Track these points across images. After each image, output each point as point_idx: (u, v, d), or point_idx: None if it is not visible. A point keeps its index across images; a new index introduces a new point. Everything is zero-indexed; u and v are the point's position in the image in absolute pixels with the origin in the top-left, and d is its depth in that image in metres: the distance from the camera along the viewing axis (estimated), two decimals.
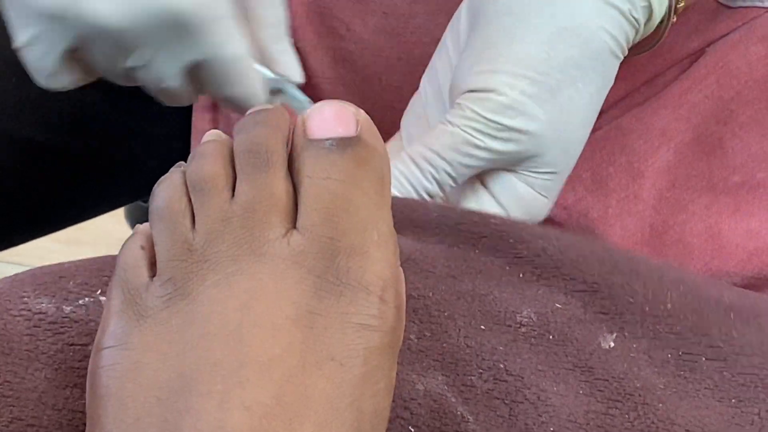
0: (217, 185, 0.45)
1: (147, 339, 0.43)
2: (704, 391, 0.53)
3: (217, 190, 0.45)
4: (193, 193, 0.46)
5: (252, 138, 0.46)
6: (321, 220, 0.44)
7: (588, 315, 0.55)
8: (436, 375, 0.52)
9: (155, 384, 0.42)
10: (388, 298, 0.45)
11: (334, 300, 0.44)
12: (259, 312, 0.43)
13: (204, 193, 0.45)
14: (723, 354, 0.54)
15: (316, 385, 0.42)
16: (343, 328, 0.44)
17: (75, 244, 1.43)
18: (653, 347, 0.54)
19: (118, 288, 0.45)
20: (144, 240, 0.46)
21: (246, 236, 0.44)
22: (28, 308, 0.50)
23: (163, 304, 0.44)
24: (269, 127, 0.47)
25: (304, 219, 0.45)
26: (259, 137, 0.46)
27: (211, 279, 0.44)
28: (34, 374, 0.49)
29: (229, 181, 0.46)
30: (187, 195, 0.46)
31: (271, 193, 0.45)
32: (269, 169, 0.45)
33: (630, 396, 0.52)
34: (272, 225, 0.45)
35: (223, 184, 0.46)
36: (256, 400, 0.41)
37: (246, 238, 0.44)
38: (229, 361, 0.42)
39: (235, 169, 0.46)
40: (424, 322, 0.53)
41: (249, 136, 0.47)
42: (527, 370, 0.52)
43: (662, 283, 0.56)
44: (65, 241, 1.44)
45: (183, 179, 0.47)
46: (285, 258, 0.44)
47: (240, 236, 0.44)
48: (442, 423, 0.50)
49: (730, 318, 0.55)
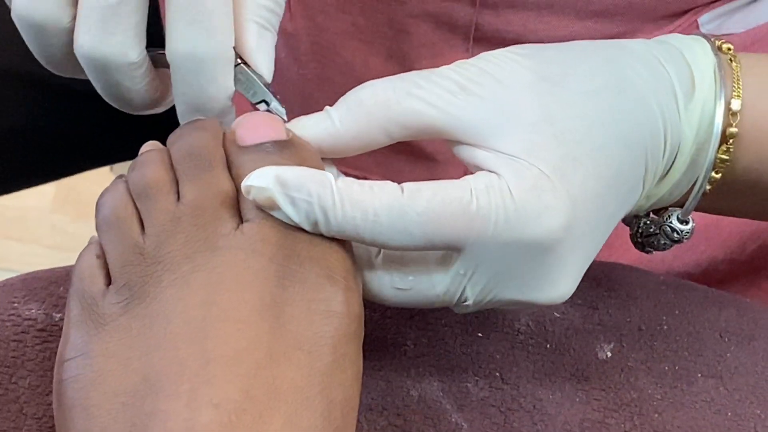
0: (161, 189, 0.45)
1: (108, 346, 0.43)
2: (701, 403, 0.53)
3: (162, 193, 0.45)
4: (138, 201, 0.46)
5: (192, 142, 0.46)
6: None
7: (586, 325, 0.55)
8: (432, 381, 0.51)
9: (120, 390, 0.42)
10: (352, 284, 0.45)
11: (298, 288, 0.44)
12: (222, 306, 0.43)
13: (149, 198, 0.45)
14: (718, 373, 0.54)
15: (284, 376, 0.42)
16: (309, 316, 0.43)
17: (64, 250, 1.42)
18: (651, 359, 0.54)
19: (76, 298, 0.45)
20: (99, 249, 0.46)
21: (198, 233, 0.44)
22: (18, 314, 0.50)
23: (121, 309, 0.44)
24: (207, 131, 0.47)
25: (253, 211, 0.45)
26: (198, 140, 0.46)
27: (167, 279, 0.44)
28: (18, 382, 0.48)
29: (173, 185, 0.46)
30: (133, 202, 0.46)
31: (218, 189, 0.45)
32: (212, 168, 0.46)
33: (626, 406, 0.52)
34: (223, 219, 0.45)
35: (168, 188, 0.46)
36: (225, 396, 0.41)
37: (198, 235, 0.44)
38: (195, 359, 0.42)
39: (176, 175, 0.46)
40: (420, 329, 0.53)
41: (188, 140, 0.47)
42: (524, 378, 0.52)
43: (658, 307, 0.56)
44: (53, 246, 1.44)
45: (126, 188, 0.46)
46: (243, 248, 0.44)
47: (192, 234, 0.44)
48: (437, 430, 0.50)
49: (725, 341, 0.56)
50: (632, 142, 0.47)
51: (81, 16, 0.47)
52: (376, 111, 0.46)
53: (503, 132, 0.46)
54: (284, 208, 0.44)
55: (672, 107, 0.48)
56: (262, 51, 0.49)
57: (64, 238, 1.46)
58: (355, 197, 0.44)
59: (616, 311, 0.56)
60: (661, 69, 0.48)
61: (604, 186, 0.46)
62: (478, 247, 0.44)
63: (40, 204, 1.47)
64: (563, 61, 0.48)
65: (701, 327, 0.56)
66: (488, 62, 0.47)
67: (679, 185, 0.50)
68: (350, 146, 0.47)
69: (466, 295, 0.46)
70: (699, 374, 0.54)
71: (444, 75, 0.47)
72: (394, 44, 0.69)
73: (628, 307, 0.56)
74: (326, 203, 0.44)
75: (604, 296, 0.56)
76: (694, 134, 0.49)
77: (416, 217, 0.44)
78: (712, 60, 0.49)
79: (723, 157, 0.49)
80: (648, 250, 0.53)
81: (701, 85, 0.49)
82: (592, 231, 0.46)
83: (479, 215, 0.44)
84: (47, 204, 1.49)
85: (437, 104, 0.46)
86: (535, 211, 0.44)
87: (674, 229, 0.51)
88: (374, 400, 0.50)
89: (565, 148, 0.45)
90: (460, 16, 0.66)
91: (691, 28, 0.68)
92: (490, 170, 0.45)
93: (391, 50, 0.69)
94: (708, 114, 0.49)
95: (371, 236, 0.44)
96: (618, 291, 0.56)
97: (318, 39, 0.70)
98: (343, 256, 0.45)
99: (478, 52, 0.69)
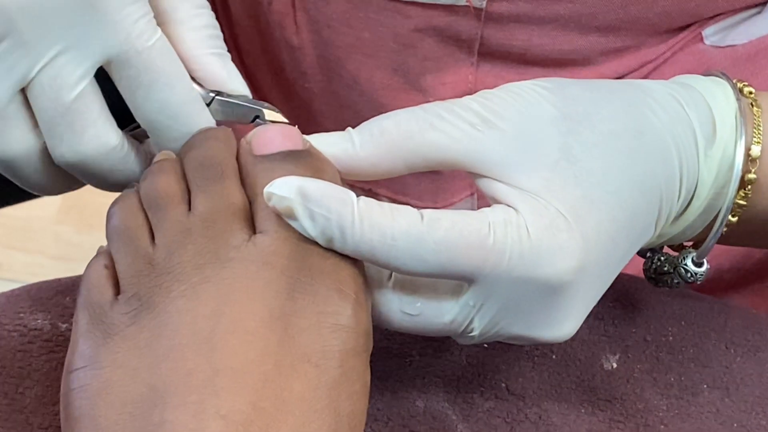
0: (173, 200, 0.45)
1: (116, 356, 0.43)
2: (706, 414, 0.53)
3: (173, 204, 0.45)
4: (149, 211, 0.46)
5: (203, 152, 0.47)
6: (286, 222, 0.44)
7: (592, 336, 0.55)
8: (437, 392, 0.52)
9: (127, 400, 0.42)
10: (362, 299, 0.45)
11: (308, 300, 0.44)
12: (230, 317, 0.43)
13: (160, 208, 0.45)
14: (724, 384, 0.54)
15: (292, 388, 0.42)
16: (318, 330, 0.43)
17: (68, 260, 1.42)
18: (656, 370, 0.54)
19: (84, 308, 0.45)
20: (107, 259, 0.46)
21: (209, 245, 0.44)
22: (24, 324, 0.50)
23: (130, 320, 0.44)
24: (219, 141, 0.47)
25: (267, 223, 0.45)
26: (210, 151, 0.47)
27: (176, 290, 0.43)
28: (25, 392, 0.48)
29: (184, 195, 0.46)
30: (144, 212, 0.46)
31: (229, 201, 0.45)
32: (224, 180, 0.46)
33: (632, 416, 0.52)
34: (234, 231, 0.44)
35: (179, 198, 0.46)
36: (232, 407, 0.41)
37: (209, 247, 0.44)
38: (202, 370, 0.42)
39: (188, 185, 0.46)
40: (426, 340, 0.53)
41: (200, 151, 0.47)
42: (529, 389, 0.52)
43: (663, 318, 0.56)
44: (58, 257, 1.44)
45: (137, 198, 0.46)
46: (254, 260, 0.44)
47: (202, 245, 0.44)
48: None
49: (731, 352, 0.56)
50: (648, 187, 0.47)
51: (46, 131, 0.47)
52: (399, 142, 0.47)
53: (523, 168, 0.46)
54: (302, 220, 0.44)
55: (692, 152, 0.48)
56: (233, 76, 0.50)
57: (68, 249, 1.46)
58: (375, 219, 0.44)
59: (621, 322, 0.56)
60: (683, 113, 0.49)
61: (618, 229, 0.46)
62: (490, 280, 0.45)
63: (44, 214, 1.47)
64: (587, 100, 0.48)
65: (707, 338, 0.56)
66: (512, 93, 0.48)
67: (693, 225, 0.50)
68: (367, 171, 0.48)
69: (473, 326, 0.46)
70: (705, 385, 0.54)
71: (466, 107, 0.47)
72: (400, 58, 0.69)
73: (633, 318, 0.56)
74: (345, 222, 0.44)
75: (610, 307, 0.56)
76: (713, 178, 0.49)
77: (433, 246, 0.44)
78: (734, 105, 0.50)
79: (741, 202, 0.49)
80: (660, 285, 0.53)
81: (722, 130, 0.49)
82: (602, 272, 0.47)
83: (495, 249, 0.44)
84: (52, 214, 1.48)
85: (459, 138, 0.46)
86: (549, 249, 0.44)
87: (688, 271, 0.52)
88: (380, 410, 0.50)
89: (582, 190, 0.45)
90: (465, 31, 0.66)
91: (696, 41, 0.68)
92: (509, 205, 0.45)
93: (396, 64, 0.69)
94: (728, 159, 0.49)
95: (386, 259, 0.44)
96: (624, 302, 0.56)
97: (323, 53, 0.70)
98: (354, 272, 0.45)
99: (483, 66, 0.68)
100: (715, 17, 0.68)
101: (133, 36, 0.47)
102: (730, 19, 0.68)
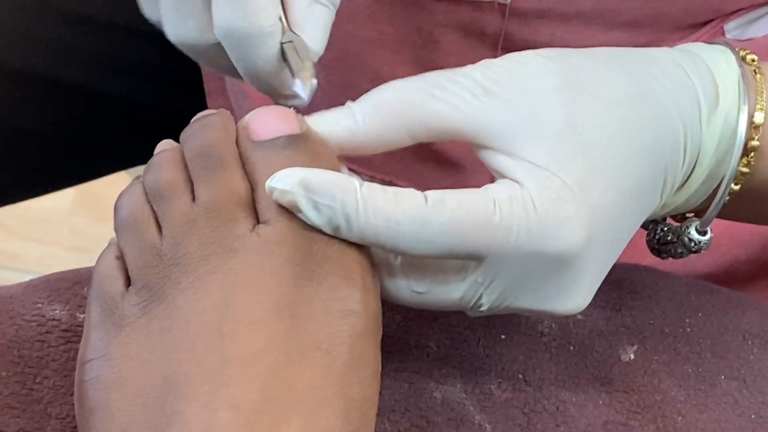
0: (176, 190, 0.45)
1: (128, 347, 0.43)
2: (724, 405, 0.53)
3: (177, 194, 0.45)
4: (154, 202, 0.46)
5: (202, 142, 0.46)
6: (288, 210, 0.44)
7: (609, 327, 0.55)
8: (455, 383, 0.51)
9: (140, 391, 0.42)
10: (369, 283, 0.45)
11: (315, 287, 0.44)
12: (238, 308, 0.43)
13: (165, 199, 0.45)
14: (742, 375, 0.54)
15: (302, 376, 0.42)
16: (326, 316, 0.43)
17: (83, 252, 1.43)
18: (674, 361, 0.54)
19: (96, 300, 0.45)
20: (118, 251, 0.46)
21: (213, 235, 0.44)
22: (42, 314, 0.50)
23: (141, 311, 0.44)
24: (216, 129, 0.47)
25: (269, 212, 0.45)
26: (208, 140, 0.46)
27: (184, 281, 0.44)
28: (43, 382, 0.49)
29: (187, 185, 0.46)
30: (149, 204, 0.46)
31: (231, 191, 0.45)
32: (225, 169, 0.45)
33: (649, 408, 0.52)
34: (238, 221, 0.44)
35: (182, 189, 0.46)
36: (243, 397, 0.41)
37: (213, 237, 0.44)
38: (212, 360, 0.42)
39: (190, 175, 0.46)
40: (443, 331, 0.53)
41: (198, 140, 0.47)
42: (546, 380, 0.52)
43: (681, 310, 0.56)
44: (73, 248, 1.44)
45: (143, 189, 0.46)
46: (259, 250, 0.44)
47: (207, 236, 0.44)
48: (459, 431, 0.50)
49: (748, 344, 0.56)
50: (653, 155, 0.47)
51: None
52: (400, 112, 0.46)
53: (527, 138, 0.45)
54: (307, 212, 0.44)
55: (695, 118, 0.48)
56: (310, 24, 0.49)
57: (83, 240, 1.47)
58: (379, 205, 0.44)
59: (639, 313, 0.55)
60: (686, 79, 0.48)
61: (624, 198, 0.46)
62: (498, 257, 0.44)
63: (60, 206, 1.48)
64: (589, 68, 0.47)
65: (724, 329, 0.56)
66: (514, 63, 0.47)
67: (696, 194, 0.50)
68: (371, 145, 0.47)
69: (481, 302, 0.46)
70: (722, 376, 0.54)
71: (468, 75, 0.47)
72: (422, 53, 0.69)
73: (651, 309, 0.56)
74: (349, 210, 0.44)
75: (627, 298, 0.56)
76: (715, 146, 0.49)
77: (439, 228, 0.44)
78: (736, 71, 0.49)
79: (743, 169, 0.49)
80: (664, 256, 0.53)
81: (725, 97, 0.49)
82: (611, 243, 0.46)
83: (502, 226, 0.44)
84: (67, 206, 1.49)
85: (461, 107, 0.46)
86: (556, 223, 0.44)
87: (692, 240, 0.51)
88: (397, 401, 0.50)
89: (587, 160, 0.45)
90: (489, 26, 0.66)
91: (717, 35, 0.68)
92: (513, 179, 0.45)
93: (418, 59, 0.69)
94: (730, 126, 0.49)
95: (393, 244, 0.44)
96: (641, 293, 0.56)
97: (346, 46, 0.70)
98: (360, 256, 0.45)
99: None
100: (736, 12, 0.68)
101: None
102: (752, 14, 0.68)
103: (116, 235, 0.46)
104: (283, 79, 0.49)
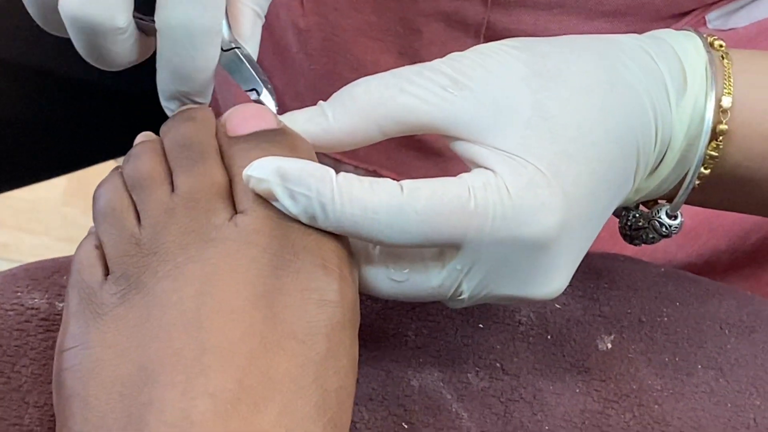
0: (155, 180, 0.46)
1: (106, 336, 0.43)
2: (700, 394, 0.53)
3: (156, 184, 0.46)
4: (133, 192, 0.46)
5: (183, 133, 0.47)
6: (266, 200, 0.45)
7: (587, 316, 0.55)
8: (432, 371, 0.52)
9: (117, 380, 0.42)
10: (346, 273, 0.45)
11: (292, 277, 0.44)
12: (215, 297, 0.43)
13: (144, 189, 0.46)
14: (718, 364, 0.54)
15: (279, 365, 0.42)
16: (303, 306, 0.43)
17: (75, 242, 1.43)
18: (651, 350, 0.54)
19: (75, 289, 0.45)
20: (97, 240, 0.46)
21: (192, 225, 0.44)
22: (21, 303, 0.50)
23: (119, 300, 0.44)
24: (197, 122, 0.47)
25: (247, 202, 0.45)
26: (189, 131, 0.47)
27: (162, 270, 0.44)
28: (21, 371, 0.49)
29: (167, 176, 0.46)
30: (128, 193, 0.46)
31: (211, 181, 0.45)
32: (204, 160, 0.46)
33: (626, 396, 0.52)
34: (216, 211, 0.45)
35: (162, 179, 0.46)
36: (220, 386, 0.41)
37: (192, 227, 0.44)
38: (190, 349, 0.42)
39: (170, 166, 0.46)
40: (421, 320, 0.53)
41: (179, 132, 0.47)
42: (524, 369, 0.52)
43: (658, 299, 0.56)
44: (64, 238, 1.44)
45: (122, 180, 0.47)
46: (236, 240, 0.44)
47: (185, 225, 0.44)
48: (436, 419, 0.50)
49: (725, 333, 0.56)
50: (624, 138, 0.47)
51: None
52: (370, 108, 0.47)
53: (497, 128, 0.46)
54: (282, 200, 0.44)
55: (663, 103, 0.48)
56: (254, 40, 0.50)
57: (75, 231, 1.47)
58: (355, 194, 0.44)
59: (616, 303, 0.56)
60: (653, 65, 0.48)
61: (597, 182, 0.46)
62: (475, 244, 0.45)
63: (51, 196, 1.48)
64: (557, 56, 0.48)
65: (701, 319, 0.56)
66: (481, 54, 0.47)
67: (668, 179, 0.50)
68: (343, 142, 0.48)
69: (461, 290, 0.46)
70: (699, 365, 0.54)
71: (436, 69, 0.47)
72: (406, 42, 0.69)
73: (628, 298, 0.56)
74: (325, 199, 0.44)
75: (605, 288, 0.56)
76: (685, 130, 0.49)
77: (415, 216, 0.44)
78: (704, 56, 0.49)
79: (712, 153, 0.49)
80: (636, 242, 0.53)
81: (692, 82, 0.49)
82: (585, 226, 0.47)
83: (477, 213, 0.44)
84: (58, 196, 1.49)
85: (430, 100, 0.46)
86: (531, 208, 0.44)
87: (663, 224, 0.52)
88: (375, 390, 0.51)
89: (559, 145, 0.45)
90: (472, 15, 0.66)
91: (699, 25, 0.68)
92: (486, 167, 0.45)
93: (402, 48, 0.69)
94: (699, 110, 0.49)
95: (369, 233, 0.44)
96: (619, 282, 0.56)
97: (330, 36, 0.70)
98: (337, 246, 0.45)
99: None
100: (718, 2, 0.68)
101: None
102: (734, 4, 0.68)
103: (95, 224, 0.46)
104: (210, 83, 0.49)
